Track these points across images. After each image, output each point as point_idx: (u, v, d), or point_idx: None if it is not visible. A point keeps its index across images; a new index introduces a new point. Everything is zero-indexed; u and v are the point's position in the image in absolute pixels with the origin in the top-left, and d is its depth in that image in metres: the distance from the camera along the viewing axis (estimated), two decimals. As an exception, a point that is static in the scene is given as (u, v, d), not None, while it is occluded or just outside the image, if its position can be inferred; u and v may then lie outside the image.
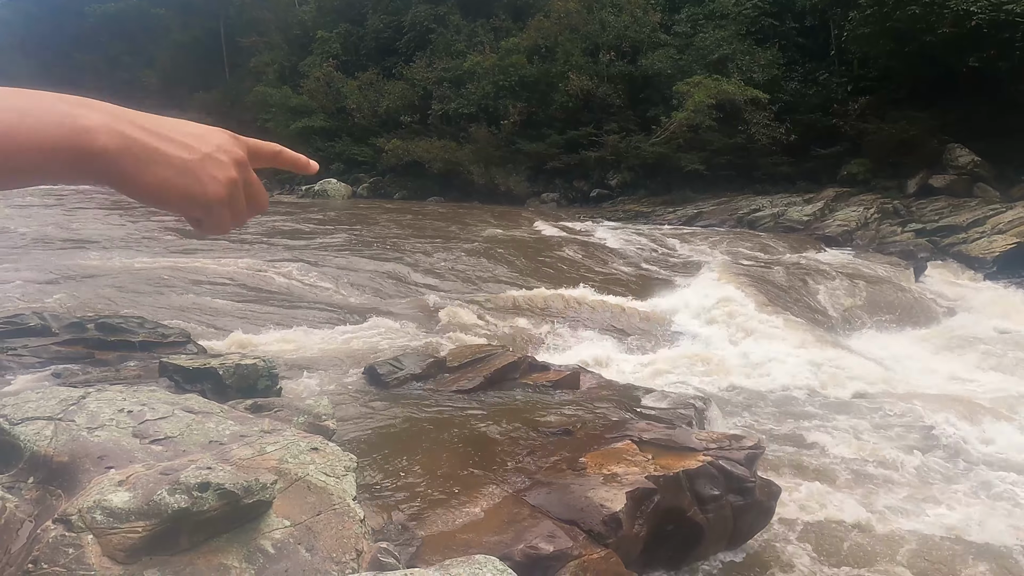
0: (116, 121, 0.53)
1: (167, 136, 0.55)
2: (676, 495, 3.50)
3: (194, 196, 0.55)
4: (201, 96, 35.18)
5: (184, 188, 0.55)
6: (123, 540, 1.95)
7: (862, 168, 17.64)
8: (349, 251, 10.81)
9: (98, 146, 0.51)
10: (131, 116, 0.54)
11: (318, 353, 5.99)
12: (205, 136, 0.58)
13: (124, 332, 5.28)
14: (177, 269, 8.59)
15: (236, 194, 0.58)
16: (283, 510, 2.42)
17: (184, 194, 0.55)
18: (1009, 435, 5.55)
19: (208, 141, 0.57)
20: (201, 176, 0.55)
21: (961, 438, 5.49)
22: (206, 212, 0.57)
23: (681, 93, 19.24)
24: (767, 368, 7.02)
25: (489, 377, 5.18)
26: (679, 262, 11.63)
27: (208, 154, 0.56)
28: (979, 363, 7.81)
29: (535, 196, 21.85)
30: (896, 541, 4.02)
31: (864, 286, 10.44)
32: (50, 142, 0.49)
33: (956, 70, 16.14)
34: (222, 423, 2.85)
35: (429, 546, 2.97)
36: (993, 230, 13.28)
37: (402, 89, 26.27)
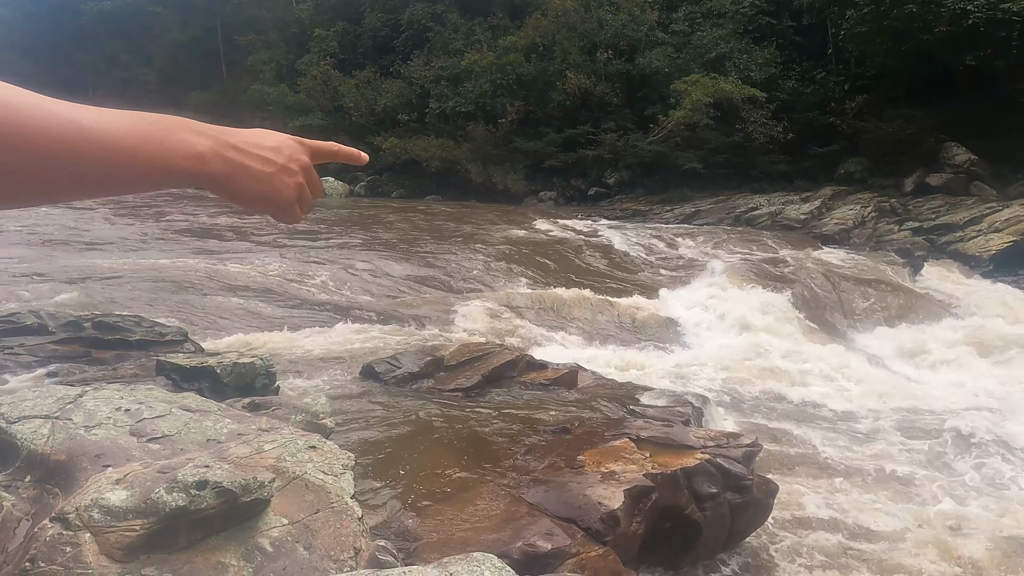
0: (219, 145, 0.65)
1: (253, 153, 0.68)
2: (674, 493, 3.51)
3: (272, 200, 0.70)
4: (198, 95, 35.12)
5: (265, 195, 0.69)
6: (121, 538, 1.95)
7: (859, 167, 17.67)
8: (347, 250, 10.80)
9: (209, 171, 0.64)
10: (228, 138, 0.67)
11: (316, 352, 5.99)
12: (280, 148, 0.71)
13: (121, 331, 5.27)
14: (176, 269, 8.58)
15: (303, 193, 0.73)
16: (281, 508, 2.42)
17: (265, 199, 0.70)
18: (1013, 431, 5.56)
19: (282, 153, 0.71)
20: (277, 184, 0.70)
21: (965, 435, 5.50)
22: (281, 210, 0.71)
23: (678, 92, 19.25)
24: (767, 366, 7.03)
25: (487, 375, 5.19)
26: (680, 261, 11.64)
27: (283, 165, 0.70)
28: (974, 361, 7.83)
29: (533, 195, 21.85)
30: (896, 538, 4.03)
31: (862, 285, 10.46)
32: (175, 168, 0.62)
33: (953, 69, 16.17)
34: (220, 421, 2.85)
35: (427, 544, 2.97)
36: (990, 228, 13.31)
37: (399, 88, 26.24)
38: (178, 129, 0.63)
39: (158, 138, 0.61)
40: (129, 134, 0.59)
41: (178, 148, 0.62)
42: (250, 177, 0.67)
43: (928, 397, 6.61)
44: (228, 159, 0.66)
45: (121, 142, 0.58)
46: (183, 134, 0.63)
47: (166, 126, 0.62)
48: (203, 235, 11.96)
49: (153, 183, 0.62)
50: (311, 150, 0.75)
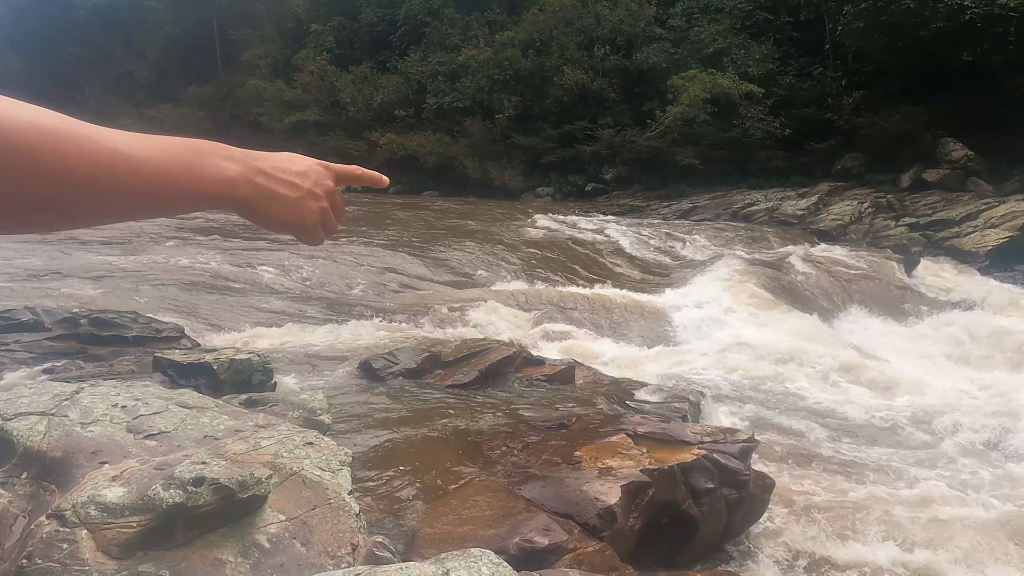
0: (248, 171, 0.67)
1: (280, 179, 0.71)
2: (671, 488, 3.52)
3: (298, 225, 0.72)
4: (194, 90, 34.97)
5: (290, 219, 0.72)
6: (117, 535, 1.95)
7: (856, 162, 17.69)
8: (343, 246, 10.78)
9: (239, 196, 0.67)
10: (257, 163, 0.69)
11: (313, 348, 5.98)
12: (306, 173, 0.73)
13: (117, 327, 5.26)
14: (173, 266, 8.56)
15: (327, 217, 0.75)
16: (278, 504, 2.41)
17: (290, 223, 0.72)
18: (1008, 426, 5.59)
19: (308, 177, 0.73)
20: (303, 209, 0.72)
21: (961, 428, 5.52)
22: (306, 233, 0.74)
23: (676, 87, 19.24)
24: (765, 362, 7.05)
25: (484, 371, 5.19)
26: (678, 257, 11.65)
27: (308, 190, 0.73)
28: (967, 357, 7.86)
29: (530, 190, 21.83)
30: (895, 528, 4.05)
31: (860, 281, 10.49)
32: (207, 194, 0.64)
33: (950, 65, 16.19)
34: (216, 418, 2.85)
35: (424, 540, 2.97)
36: (986, 224, 13.35)
37: (396, 83, 26.17)
38: (210, 155, 0.65)
39: (191, 164, 0.63)
40: (164, 160, 0.60)
41: (211, 174, 0.64)
42: (277, 202, 0.70)
43: (923, 391, 6.63)
44: (257, 184, 0.68)
45: (157, 169, 0.59)
46: (215, 160, 0.65)
47: (199, 151, 0.64)
48: (199, 232, 11.94)
49: (184, 208, 0.64)
50: (336, 174, 0.77)
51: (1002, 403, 6.24)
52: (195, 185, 0.63)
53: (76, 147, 0.54)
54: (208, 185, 0.64)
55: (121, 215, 0.61)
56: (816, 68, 19.88)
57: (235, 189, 0.66)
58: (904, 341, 8.68)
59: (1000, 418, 5.78)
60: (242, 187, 0.66)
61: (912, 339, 8.77)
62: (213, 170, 0.64)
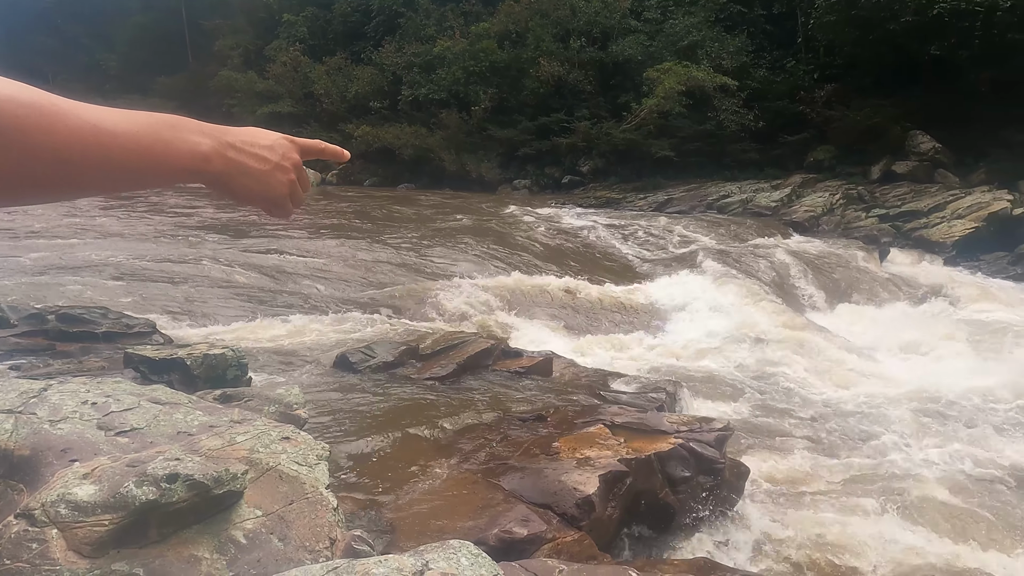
0: (220, 145, 0.69)
1: (250, 152, 0.72)
2: (648, 477, 3.55)
3: (267, 197, 0.74)
4: (164, 81, 34.26)
5: (261, 192, 0.74)
6: (89, 533, 1.91)
7: (828, 154, 17.94)
8: (318, 239, 10.67)
9: (211, 170, 0.69)
10: (227, 137, 0.70)
11: (289, 342, 5.92)
12: (273, 147, 0.75)
13: (87, 323, 5.15)
14: (145, 259, 8.40)
15: (295, 189, 0.77)
16: (255, 500, 2.39)
17: (261, 196, 0.74)
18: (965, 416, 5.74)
19: (275, 151, 0.75)
20: (272, 182, 0.74)
21: (930, 413, 5.65)
22: (275, 206, 0.76)
23: (651, 79, 19.31)
24: (742, 351, 7.14)
25: (462, 364, 5.18)
26: (656, 248, 11.72)
27: (276, 164, 0.74)
28: (936, 344, 8.05)
29: (507, 183, 21.80)
30: (865, 516, 4.14)
31: (831, 271, 10.67)
32: (181, 167, 0.66)
33: (919, 59, 16.47)
34: (190, 414, 2.80)
35: (404, 532, 2.97)
36: (953, 215, 13.64)
37: (371, 74, 25.90)
38: (184, 129, 0.67)
39: (167, 138, 0.64)
40: (142, 135, 0.62)
41: (185, 149, 0.66)
42: (248, 176, 0.72)
43: (893, 378, 6.77)
44: (228, 159, 0.70)
45: (137, 143, 0.61)
46: (188, 135, 0.67)
47: (173, 126, 0.66)
48: (169, 224, 11.73)
49: (159, 182, 0.66)
50: (300, 148, 0.79)
51: (965, 389, 6.41)
52: (170, 159, 0.64)
53: (61, 122, 0.55)
54: (183, 159, 0.65)
55: (99, 188, 0.63)
56: (789, 61, 20.10)
57: (208, 163, 0.68)
58: (875, 329, 8.85)
59: (962, 400, 5.94)
60: (215, 161, 0.68)
61: (881, 327, 8.95)
62: (187, 145, 0.66)
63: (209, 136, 0.69)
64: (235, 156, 0.71)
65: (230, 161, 0.70)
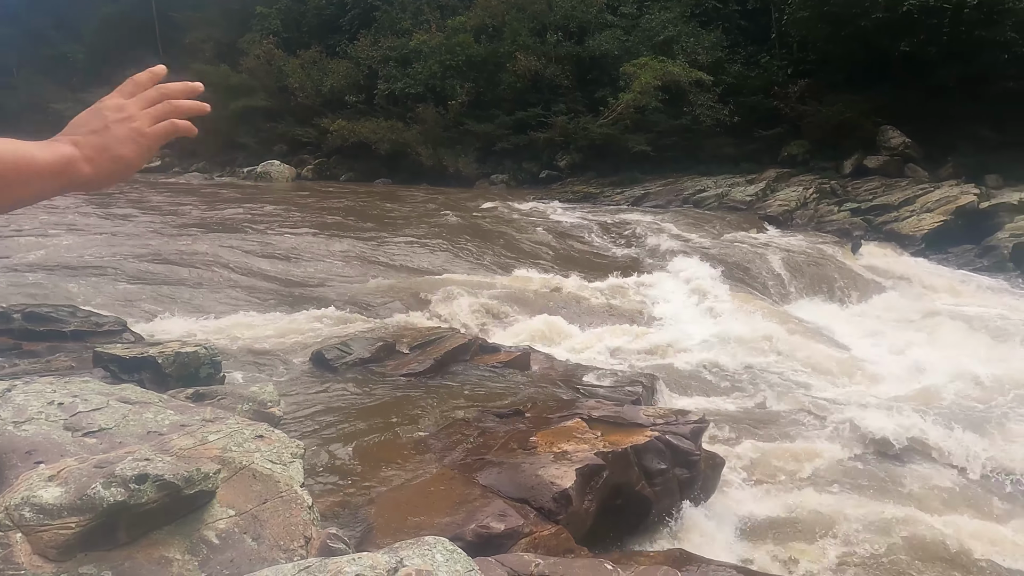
0: (81, 148, 0.76)
1: (85, 128, 0.78)
2: (624, 470, 3.58)
3: (126, 173, 0.81)
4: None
5: (121, 174, 0.81)
6: (55, 537, 1.87)
7: (801, 149, 18.16)
8: (295, 236, 10.55)
9: (83, 174, 0.76)
10: (81, 133, 0.77)
11: (264, 339, 5.85)
12: (96, 110, 0.81)
13: (54, 322, 5.04)
14: (115, 255, 8.23)
15: (140, 122, 0.82)
16: (228, 499, 2.36)
17: (122, 177, 0.81)
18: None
19: (100, 113, 0.81)
20: (115, 134, 0.79)
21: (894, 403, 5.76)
22: (131, 145, 0.81)
23: (628, 74, 19.36)
24: (719, 344, 7.20)
25: (439, 359, 5.17)
26: (635, 243, 11.76)
27: (110, 119, 0.80)
28: (909, 336, 8.21)
29: (484, 178, 21.73)
30: (839, 505, 4.21)
31: (806, 264, 10.82)
32: (50, 174, 0.74)
33: (889, 55, 16.72)
34: (161, 413, 2.76)
35: (380, 530, 2.95)
36: (922, 209, 13.90)
37: (346, 68, 25.61)
38: (44, 143, 0.75)
39: (32, 151, 0.73)
40: (7, 150, 0.70)
41: (51, 151, 0.75)
42: (107, 163, 0.78)
43: (866, 369, 6.89)
44: (92, 158, 0.77)
45: (14, 159, 0.71)
46: (49, 143, 0.75)
47: (35, 143, 0.74)
48: (141, 222, 11.51)
49: (58, 189, 0.75)
50: (126, 91, 0.85)
51: (932, 378, 6.55)
52: (41, 168, 0.72)
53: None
54: (53, 166, 0.73)
55: (15, 204, 0.72)
56: (763, 57, 20.28)
57: (77, 167, 0.75)
58: (848, 321, 9.00)
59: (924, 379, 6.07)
60: (82, 165, 0.76)
61: (854, 319, 9.10)
62: (52, 149, 0.75)
63: (68, 142, 0.76)
64: (96, 155, 0.77)
65: (95, 162, 0.76)
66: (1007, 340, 7.82)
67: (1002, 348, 7.54)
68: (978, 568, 3.61)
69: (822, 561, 3.63)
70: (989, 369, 6.50)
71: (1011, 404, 5.81)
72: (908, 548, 3.73)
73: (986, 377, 6.34)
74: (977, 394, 6.12)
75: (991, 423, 5.38)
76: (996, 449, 4.93)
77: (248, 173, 23.71)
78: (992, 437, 5.13)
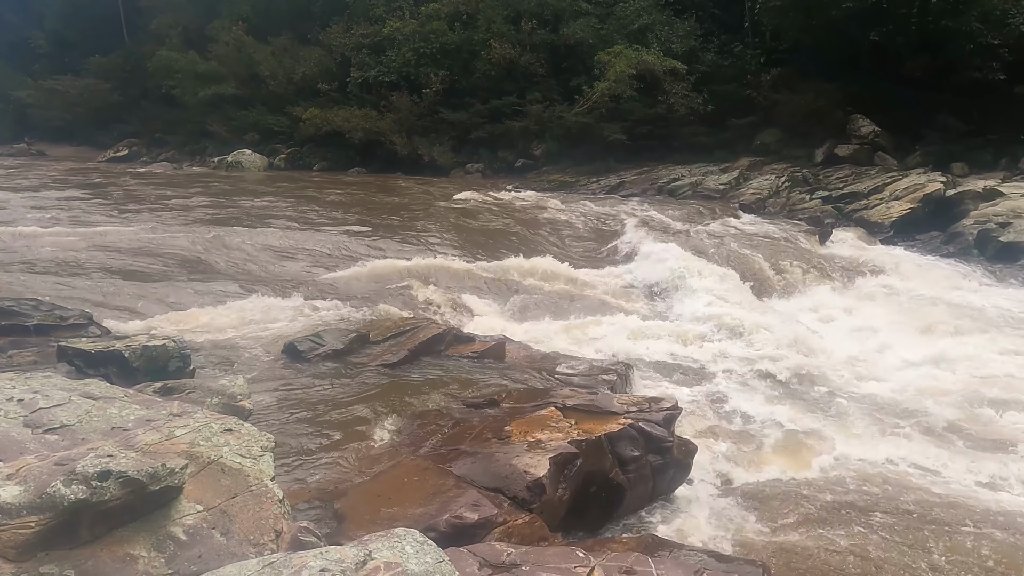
0: None
1: None
2: (598, 458, 3.60)
3: None
4: (97, 60, 32.63)
5: None
6: (13, 536, 1.82)
7: (774, 138, 18.34)
8: (266, 226, 10.40)
9: None
10: None
11: (234, 331, 5.77)
12: None
13: (16, 315, 4.90)
14: (78, 243, 8.03)
15: None
16: (195, 495, 2.32)
17: None
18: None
19: None
20: None
21: (867, 380, 5.88)
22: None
23: (602, 63, 19.35)
24: (694, 332, 7.27)
25: (413, 350, 5.15)
26: (610, 231, 11.79)
27: None
28: (881, 317, 8.38)
29: (460, 167, 21.61)
30: (812, 487, 4.29)
31: (778, 251, 10.95)
32: None
33: (860, 44, 16.92)
34: (126, 408, 2.70)
35: (353, 522, 2.94)
36: (891, 197, 14.14)
37: (319, 56, 25.21)
38: None
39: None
40: None
41: None
42: None
43: (838, 354, 7.02)
44: None
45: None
46: None
47: None
48: (107, 211, 11.25)
49: None
50: None
51: (901, 363, 6.70)
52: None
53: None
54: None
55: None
56: (736, 45, 20.40)
57: None
58: (820, 307, 9.13)
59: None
60: None
61: (826, 305, 9.24)
62: None
63: None
64: None
65: None
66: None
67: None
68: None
69: (795, 546, 3.70)
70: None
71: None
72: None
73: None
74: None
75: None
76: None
77: (219, 163, 23.27)
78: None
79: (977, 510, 4.05)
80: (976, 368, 6.47)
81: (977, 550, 3.62)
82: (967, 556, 3.57)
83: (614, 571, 2.28)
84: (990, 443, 5.00)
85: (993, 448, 4.92)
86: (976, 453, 4.84)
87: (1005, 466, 4.62)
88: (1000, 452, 4.85)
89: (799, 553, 3.55)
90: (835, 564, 3.47)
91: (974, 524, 3.87)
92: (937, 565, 3.49)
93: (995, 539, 3.73)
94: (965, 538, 3.72)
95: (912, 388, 6.10)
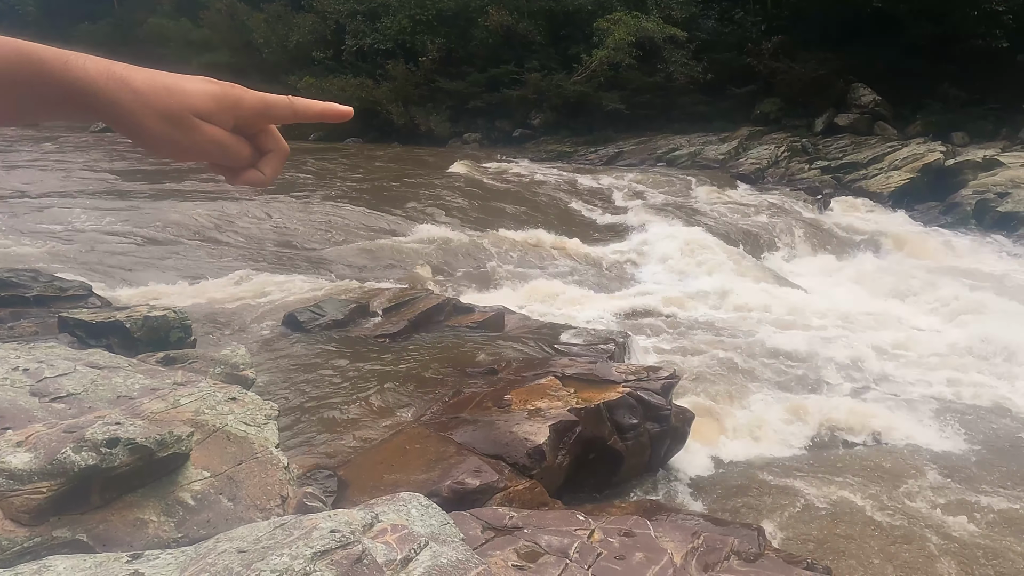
0: (138, 84, 0.65)
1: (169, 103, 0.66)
2: (597, 426, 3.65)
3: (144, 141, 0.68)
4: (87, 27, 32.07)
5: (140, 138, 0.67)
6: (26, 502, 1.86)
7: (774, 107, 18.19)
8: (264, 197, 10.34)
9: (112, 101, 0.64)
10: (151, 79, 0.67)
11: (235, 302, 5.78)
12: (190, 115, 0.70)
13: (16, 287, 4.90)
14: (83, 219, 8.00)
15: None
16: (202, 462, 2.36)
17: (140, 140, 0.67)
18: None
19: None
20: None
21: (866, 353, 5.94)
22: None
23: (601, 30, 19.08)
24: (693, 301, 7.31)
25: (413, 320, 5.17)
26: (611, 202, 11.75)
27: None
28: (879, 288, 8.42)
29: (457, 137, 21.42)
30: (803, 458, 4.36)
31: (777, 220, 10.95)
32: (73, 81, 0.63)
33: (862, 12, 16.69)
34: (131, 377, 2.73)
35: (357, 488, 2.99)
36: (890, 166, 14.10)
37: (313, 23, 24.79)
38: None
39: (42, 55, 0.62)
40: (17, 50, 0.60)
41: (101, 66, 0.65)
42: (161, 105, 0.68)
43: (835, 319, 7.06)
44: (142, 81, 0.68)
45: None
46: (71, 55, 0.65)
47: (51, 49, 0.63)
48: (104, 183, 11.17)
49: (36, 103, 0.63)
50: (241, 105, 0.72)
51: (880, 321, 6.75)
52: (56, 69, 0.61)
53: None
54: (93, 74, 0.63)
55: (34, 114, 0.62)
56: (737, 13, 20.10)
57: (130, 73, 0.65)
58: (818, 276, 9.18)
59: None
60: (138, 83, 0.65)
61: (825, 274, 9.28)
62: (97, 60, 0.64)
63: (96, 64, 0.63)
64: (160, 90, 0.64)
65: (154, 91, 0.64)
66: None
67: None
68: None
69: (789, 509, 3.78)
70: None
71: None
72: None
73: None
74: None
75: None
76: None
77: (213, 133, 23.01)
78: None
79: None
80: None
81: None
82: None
83: (614, 533, 2.34)
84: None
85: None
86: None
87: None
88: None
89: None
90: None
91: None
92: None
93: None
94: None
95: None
